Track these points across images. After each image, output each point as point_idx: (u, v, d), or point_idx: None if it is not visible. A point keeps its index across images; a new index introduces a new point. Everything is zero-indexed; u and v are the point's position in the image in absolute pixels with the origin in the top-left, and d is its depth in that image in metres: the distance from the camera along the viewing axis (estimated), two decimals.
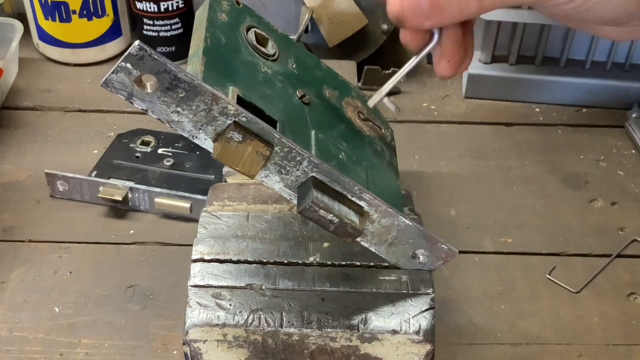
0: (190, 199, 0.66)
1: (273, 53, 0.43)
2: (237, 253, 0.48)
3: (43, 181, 0.69)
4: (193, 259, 0.48)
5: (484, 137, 0.80)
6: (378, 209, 0.40)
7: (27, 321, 0.59)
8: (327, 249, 0.48)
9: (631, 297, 0.62)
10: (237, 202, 0.52)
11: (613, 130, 0.81)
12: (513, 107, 0.84)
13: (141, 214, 0.69)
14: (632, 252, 0.66)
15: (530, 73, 0.83)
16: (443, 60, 0.44)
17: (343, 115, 0.45)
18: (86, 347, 0.57)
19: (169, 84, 0.34)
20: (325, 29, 0.82)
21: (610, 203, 0.72)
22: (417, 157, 0.74)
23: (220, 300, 0.45)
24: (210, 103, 0.35)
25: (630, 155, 0.78)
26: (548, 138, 0.80)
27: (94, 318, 0.59)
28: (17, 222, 0.67)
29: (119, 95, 0.34)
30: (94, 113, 0.81)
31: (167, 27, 0.85)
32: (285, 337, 0.44)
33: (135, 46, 0.32)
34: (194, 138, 0.36)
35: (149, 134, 0.74)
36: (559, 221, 0.69)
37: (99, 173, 0.69)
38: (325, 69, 0.48)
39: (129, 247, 0.66)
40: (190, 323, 0.45)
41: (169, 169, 0.70)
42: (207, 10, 0.41)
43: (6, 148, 0.76)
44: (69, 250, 0.65)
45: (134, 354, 0.57)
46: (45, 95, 0.83)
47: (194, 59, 0.38)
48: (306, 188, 0.38)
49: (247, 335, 0.44)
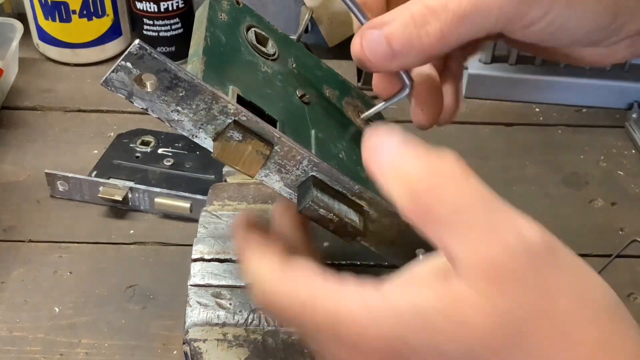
0: (190, 199, 0.66)
1: (273, 53, 0.43)
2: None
3: (43, 181, 0.69)
4: (193, 259, 0.48)
5: (484, 137, 0.80)
6: (378, 209, 0.40)
7: (27, 321, 0.59)
8: (327, 248, 0.48)
9: (631, 297, 0.62)
10: (237, 202, 0.52)
11: (613, 130, 0.81)
12: (513, 107, 0.84)
13: (141, 214, 0.69)
14: (632, 252, 0.66)
15: (530, 73, 0.83)
16: (417, 108, 0.42)
17: (343, 114, 0.45)
18: (86, 347, 0.57)
19: (169, 83, 0.34)
20: (325, 29, 0.82)
21: (610, 203, 0.72)
22: None
23: (220, 299, 0.45)
24: (210, 102, 0.35)
25: (630, 155, 0.78)
26: (548, 138, 0.80)
27: (94, 318, 0.59)
28: (17, 222, 0.67)
29: (119, 95, 0.34)
30: (94, 113, 0.81)
31: (167, 27, 0.85)
32: (285, 336, 0.44)
33: (136, 45, 0.32)
34: (194, 137, 0.36)
35: (149, 134, 0.74)
36: (559, 221, 0.69)
37: (99, 173, 0.69)
38: (325, 68, 0.48)
39: (129, 247, 0.66)
40: (190, 322, 0.45)
41: (169, 169, 0.70)
42: (207, 10, 0.41)
43: (6, 148, 0.76)
44: (69, 250, 0.65)
45: (134, 354, 0.57)
46: (45, 95, 0.83)
47: (194, 59, 0.38)
48: (306, 187, 0.38)
49: (247, 334, 0.44)
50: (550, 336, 0.28)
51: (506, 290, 0.28)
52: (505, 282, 0.28)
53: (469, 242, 0.29)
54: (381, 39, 0.37)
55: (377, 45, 0.37)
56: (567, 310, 0.28)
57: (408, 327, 0.29)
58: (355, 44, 0.38)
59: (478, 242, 0.29)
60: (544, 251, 0.29)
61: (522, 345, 0.28)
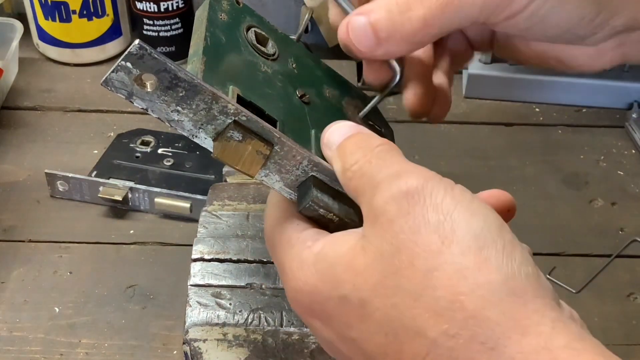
0: (190, 199, 0.66)
1: (273, 52, 0.43)
2: (237, 252, 0.48)
3: (43, 181, 0.69)
4: (193, 259, 0.48)
5: (484, 137, 0.80)
6: None
7: (27, 321, 0.59)
8: None
9: (631, 297, 0.62)
10: (237, 202, 0.52)
11: (613, 130, 0.81)
12: (513, 107, 0.84)
13: (141, 214, 0.69)
14: (632, 252, 0.66)
15: (530, 73, 0.83)
16: (409, 91, 0.42)
17: (343, 114, 0.45)
18: (86, 347, 0.57)
19: (168, 83, 0.34)
20: (325, 29, 0.82)
21: (610, 203, 0.72)
22: (417, 157, 0.74)
23: (220, 299, 0.45)
24: (210, 102, 0.35)
25: (630, 155, 0.78)
26: (548, 138, 0.80)
27: (94, 318, 0.59)
28: (17, 222, 0.67)
29: (119, 95, 0.34)
30: (94, 113, 0.81)
31: (167, 27, 0.85)
32: (285, 336, 0.44)
33: (135, 45, 0.32)
34: (193, 137, 0.36)
35: (149, 134, 0.74)
36: (559, 221, 0.69)
37: (99, 173, 0.69)
38: (325, 68, 0.48)
39: (129, 247, 0.66)
40: (190, 322, 0.45)
41: (169, 169, 0.70)
42: (207, 10, 0.41)
43: (6, 148, 0.76)
44: (69, 250, 0.65)
45: (134, 354, 0.57)
46: (45, 95, 0.83)
47: (194, 59, 0.38)
48: (306, 187, 0.38)
49: (247, 334, 0.44)
50: (414, 267, 0.31)
51: (382, 234, 0.32)
52: (382, 226, 0.32)
53: (368, 200, 0.33)
54: (366, 26, 0.38)
55: (362, 32, 0.38)
56: (427, 242, 0.31)
57: (321, 278, 0.34)
58: (341, 31, 0.39)
59: (370, 197, 0.33)
60: (417, 195, 0.32)
61: (396, 279, 0.31)
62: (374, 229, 0.32)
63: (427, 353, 0.30)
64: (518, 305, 0.29)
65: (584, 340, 0.29)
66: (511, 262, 0.30)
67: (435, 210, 0.31)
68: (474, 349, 0.29)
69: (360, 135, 0.36)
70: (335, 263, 0.33)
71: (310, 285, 0.34)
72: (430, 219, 0.31)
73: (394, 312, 0.31)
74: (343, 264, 0.33)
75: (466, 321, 0.29)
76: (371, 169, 0.34)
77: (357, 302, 0.32)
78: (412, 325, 0.30)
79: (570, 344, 0.28)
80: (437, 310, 0.30)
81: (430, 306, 0.30)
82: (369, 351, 0.32)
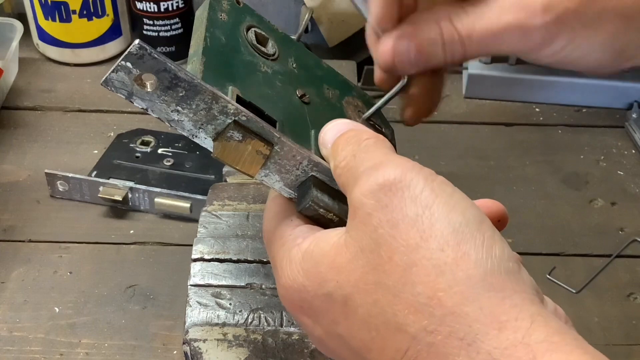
0: (190, 199, 0.66)
1: (273, 52, 0.43)
2: (237, 252, 0.48)
3: (43, 181, 0.69)
4: (193, 259, 0.48)
5: (484, 137, 0.80)
6: None
7: (27, 321, 0.59)
8: None
9: (631, 297, 0.62)
10: (237, 202, 0.52)
11: (613, 130, 0.81)
12: (513, 107, 0.84)
13: (141, 214, 0.69)
14: (632, 252, 0.66)
15: (530, 73, 0.83)
16: (409, 108, 0.44)
17: (343, 114, 0.45)
18: (86, 347, 0.57)
19: (168, 82, 0.34)
20: (325, 29, 0.82)
21: (610, 203, 0.72)
22: (417, 157, 0.74)
23: (220, 299, 0.45)
24: (210, 102, 0.35)
25: (630, 155, 0.78)
26: (548, 138, 0.80)
27: (94, 318, 0.59)
28: (17, 222, 0.67)
29: (119, 95, 0.34)
30: (93, 113, 0.81)
31: (167, 27, 0.85)
32: (285, 336, 0.44)
33: (135, 45, 0.32)
34: (193, 137, 0.36)
35: (149, 134, 0.74)
36: (559, 221, 0.69)
37: (99, 173, 0.69)
38: (325, 68, 0.48)
39: (129, 247, 0.66)
40: (190, 322, 0.45)
41: (169, 169, 0.70)
42: (207, 10, 0.41)
43: (6, 148, 0.76)
44: (69, 250, 0.65)
45: (134, 354, 0.57)
46: (45, 95, 0.83)
47: (193, 59, 0.38)
48: (306, 187, 0.38)
49: (247, 334, 0.44)
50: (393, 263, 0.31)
51: (362, 228, 0.32)
52: (361, 219, 0.32)
53: (350, 194, 0.34)
54: (410, 51, 0.40)
55: (406, 56, 0.40)
56: (405, 237, 0.31)
57: (308, 276, 0.34)
58: (385, 52, 0.40)
59: (351, 191, 0.33)
60: (394, 187, 0.32)
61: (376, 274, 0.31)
62: (354, 223, 0.33)
63: (408, 348, 0.30)
64: (497, 301, 0.29)
65: (563, 334, 0.29)
66: (490, 257, 0.30)
67: (414, 203, 0.31)
68: (452, 344, 0.29)
69: (352, 131, 0.37)
70: (319, 261, 0.34)
71: (298, 283, 0.35)
72: (409, 213, 0.31)
73: (375, 309, 0.31)
74: (327, 262, 0.33)
75: (445, 317, 0.29)
76: (355, 163, 0.34)
77: (341, 300, 0.33)
78: (393, 322, 0.31)
79: (548, 338, 0.28)
80: (416, 307, 0.30)
81: (409, 302, 0.30)
82: (354, 347, 0.33)
